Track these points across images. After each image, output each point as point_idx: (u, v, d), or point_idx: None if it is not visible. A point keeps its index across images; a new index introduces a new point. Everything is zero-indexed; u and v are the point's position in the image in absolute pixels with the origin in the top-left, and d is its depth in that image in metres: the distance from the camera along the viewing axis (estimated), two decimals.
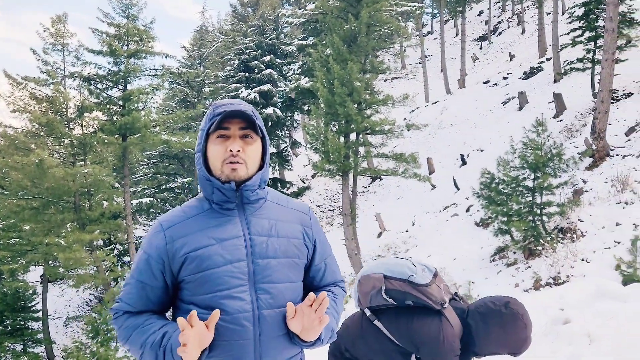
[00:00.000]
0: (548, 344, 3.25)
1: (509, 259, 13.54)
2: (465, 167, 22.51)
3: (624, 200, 12.74)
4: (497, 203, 13.57)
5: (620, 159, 15.02)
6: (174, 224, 1.58)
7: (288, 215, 1.69)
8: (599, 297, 3.83)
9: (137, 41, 20.36)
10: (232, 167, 1.56)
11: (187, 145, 21.72)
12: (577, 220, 13.11)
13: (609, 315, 3.31)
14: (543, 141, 13.03)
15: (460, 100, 30.56)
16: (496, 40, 42.91)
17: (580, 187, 14.60)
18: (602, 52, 16.30)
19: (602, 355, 2.83)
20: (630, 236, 10.77)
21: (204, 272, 1.51)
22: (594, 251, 11.61)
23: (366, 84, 19.50)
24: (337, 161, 18.70)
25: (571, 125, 20.08)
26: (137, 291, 1.57)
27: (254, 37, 29.47)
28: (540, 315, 3.69)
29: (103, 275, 19.92)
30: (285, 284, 1.60)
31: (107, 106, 20.39)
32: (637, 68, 20.26)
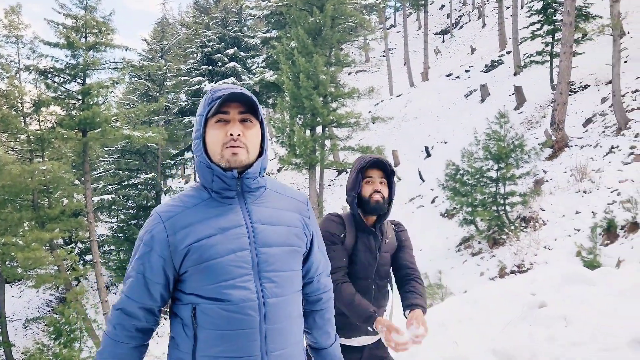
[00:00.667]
0: (526, 327, 3.33)
1: (474, 249, 13.85)
2: (430, 159, 22.85)
3: (583, 189, 13.19)
4: (461, 194, 13.83)
5: (579, 149, 15.54)
6: (173, 215, 1.53)
7: (287, 203, 1.68)
8: (568, 281, 3.96)
9: (96, 33, 19.73)
10: (232, 152, 1.52)
11: (149, 140, 21.25)
12: (538, 210, 13.52)
13: (581, 298, 3.42)
14: (505, 132, 13.35)
15: (424, 93, 30.98)
16: (458, 34, 43.66)
17: (541, 177, 15.03)
18: (560, 46, 16.79)
19: (579, 336, 2.92)
20: (589, 224, 11.21)
21: (208, 263, 1.48)
22: (556, 239, 12.00)
23: (331, 77, 19.54)
24: (303, 155, 18.70)
25: (531, 116, 20.63)
26: (141, 286, 1.53)
27: (216, 30, 29.03)
28: (515, 301, 3.78)
29: (64, 275, 19.34)
30: (288, 272, 1.59)
31: (65, 100, 19.71)
32: (594, 61, 20.96)
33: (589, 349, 2.77)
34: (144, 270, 1.52)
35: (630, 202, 10.72)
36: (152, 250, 1.51)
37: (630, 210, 10.46)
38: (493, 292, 4.60)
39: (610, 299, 3.40)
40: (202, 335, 1.49)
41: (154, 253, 1.51)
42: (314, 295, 1.79)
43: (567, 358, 2.79)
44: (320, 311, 1.81)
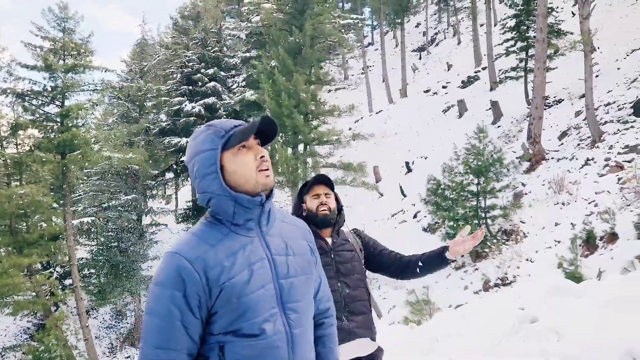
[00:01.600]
0: (519, 342, 3.40)
1: (458, 262, 13.97)
2: (411, 175, 23.09)
3: (561, 201, 13.48)
4: (443, 208, 14.00)
5: (556, 162, 15.89)
6: (199, 255, 1.47)
7: (294, 231, 1.70)
8: (554, 294, 4.05)
9: (75, 55, 19.58)
10: (266, 174, 1.54)
11: (130, 162, 21.08)
12: (519, 222, 13.75)
13: (569, 311, 3.52)
14: (484, 147, 13.61)
15: (403, 109, 31.41)
16: (434, 51, 44.48)
17: (520, 190, 15.32)
18: (534, 61, 17.27)
19: (571, 350, 3.00)
20: (569, 235, 11.44)
21: (241, 300, 1.46)
22: (537, 251, 12.21)
23: (312, 95, 19.68)
24: (285, 173, 18.72)
25: (508, 131, 21.06)
26: (179, 332, 1.44)
27: (196, 50, 29.08)
28: (504, 315, 3.86)
29: (43, 301, 18.87)
30: (307, 301, 1.62)
31: (43, 123, 19.43)
32: (566, 75, 21.56)
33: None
34: (182, 316, 1.43)
35: (608, 213, 10.99)
36: (186, 294, 1.44)
37: (608, 221, 10.72)
38: (481, 307, 4.67)
39: (598, 311, 3.50)
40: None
41: (188, 296, 1.44)
42: (316, 320, 1.77)
43: None
44: (322, 338, 1.78)
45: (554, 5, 22.74)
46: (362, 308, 2.58)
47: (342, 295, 2.52)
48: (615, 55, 21.13)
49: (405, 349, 4.25)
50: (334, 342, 1.81)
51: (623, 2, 26.58)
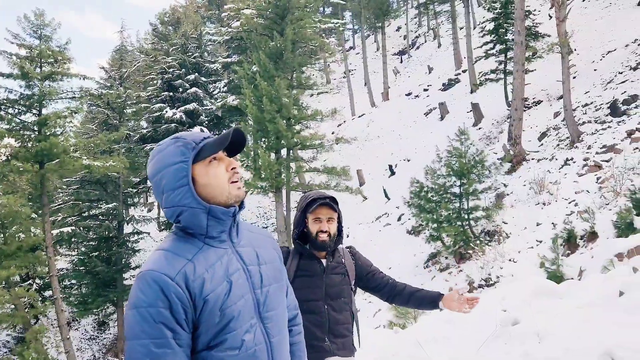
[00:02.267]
0: (501, 345, 3.39)
1: (442, 264, 14.03)
2: (394, 177, 23.17)
3: (542, 201, 13.63)
4: (427, 211, 14.06)
5: (536, 162, 16.08)
6: (179, 270, 1.42)
7: (263, 241, 1.69)
8: (537, 295, 4.07)
9: (52, 63, 19.24)
10: (238, 186, 1.53)
11: (110, 170, 20.74)
12: (501, 223, 13.86)
13: (551, 313, 3.52)
14: (466, 149, 13.72)
15: (385, 112, 31.56)
16: (415, 54, 44.81)
17: (502, 190, 15.46)
18: (513, 64, 17.48)
19: (552, 351, 3.00)
20: (550, 235, 11.56)
21: (224, 311, 1.44)
22: (519, 251, 12.31)
23: (294, 99, 19.66)
24: (269, 178, 18.65)
25: (489, 132, 21.28)
26: (172, 351, 1.37)
27: (176, 56, 28.87)
28: (488, 317, 3.86)
29: (22, 313, 18.48)
30: (282, 309, 1.63)
31: (20, 132, 19.03)
32: (544, 77, 21.87)
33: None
34: (174, 334, 1.38)
35: (588, 213, 11.13)
36: (172, 310, 1.38)
37: (588, 220, 10.84)
38: None
39: (578, 311, 3.51)
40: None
41: (175, 312, 1.38)
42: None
43: None
44: (292, 346, 1.76)
45: (532, 8, 23.11)
46: (345, 331, 2.63)
47: (327, 317, 2.57)
48: (592, 57, 21.50)
49: (390, 353, 4.22)
50: (302, 350, 1.84)
51: (598, 4, 27.08)
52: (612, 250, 7.43)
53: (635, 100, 15.75)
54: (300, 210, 2.65)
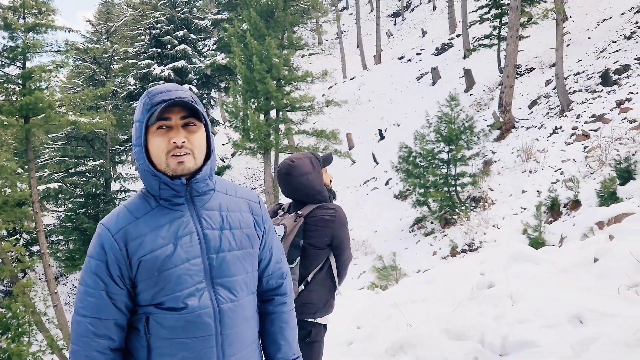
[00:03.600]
0: (475, 307, 3.47)
1: (427, 229, 14.22)
2: (384, 142, 23.16)
3: (529, 169, 13.75)
4: (414, 176, 14.14)
5: (525, 130, 16.13)
6: (122, 227, 1.48)
7: (238, 204, 1.65)
8: (515, 260, 4.15)
9: (36, 14, 18.65)
10: (178, 161, 1.48)
11: (97, 126, 20.45)
12: (487, 190, 14.01)
13: (527, 277, 3.60)
14: (456, 115, 13.70)
15: (377, 76, 31.23)
16: (409, 17, 44.08)
17: (490, 157, 15.55)
18: (507, 29, 17.28)
19: (524, 314, 3.08)
20: (534, 202, 11.73)
21: (162, 274, 1.45)
22: (503, 217, 12.50)
23: (284, 60, 19.36)
24: (257, 139, 18.55)
25: (480, 99, 21.21)
26: (103, 302, 1.45)
27: (165, 11, 28.10)
28: (466, 281, 3.94)
29: (9, 267, 18.50)
30: (242, 276, 1.58)
31: (4, 85, 18.64)
32: (538, 44, 21.69)
33: (533, 326, 2.94)
34: (106, 287, 1.46)
35: (572, 181, 11.27)
36: (108, 265, 1.45)
37: (572, 188, 11.00)
38: (446, 273, 4.77)
39: (553, 277, 3.59)
40: (157, 344, 1.47)
41: (110, 266, 1.45)
42: (264, 295, 1.74)
43: (514, 335, 2.95)
44: (270, 315, 1.74)
45: None
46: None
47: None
48: (587, 25, 21.30)
49: (370, 313, 4.32)
50: (285, 321, 1.75)
51: None
52: (593, 218, 7.57)
53: (627, 70, 15.72)
54: (319, 170, 2.75)
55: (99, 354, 1.45)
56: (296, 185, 2.62)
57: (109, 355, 1.47)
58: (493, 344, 3.02)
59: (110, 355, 1.47)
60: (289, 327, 1.75)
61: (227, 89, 26.46)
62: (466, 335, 3.14)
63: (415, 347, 3.21)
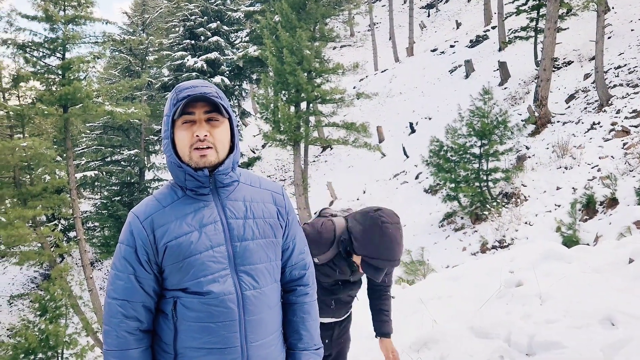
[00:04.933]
0: (503, 305, 3.42)
1: (457, 224, 14.05)
2: (414, 135, 22.93)
3: (564, 165, 13.39)
4: (445, 170, 13.96)
5: (561, 125, 15.71)
6: (150, 215, 1.57)
7: (262, 195, 1.71)
8: (546, 259, 4.06)
9: (75, 6, 19.15)
10: (200, 154, 1.55)
11: (132, 116, 20.94)
12: (520, 186, 13.72)
13: (556, 276, 3.52)
14: (489, 109, 13.44)
15: (409, 68, 30.87)
16: (443, 8, 43.31)
17: (524, 153, 15.21)
18: (545, 21, 16.79)
19: (553, 313, 3.02)
20: (569, 199, 11.42)
21: (187, 259, 1.52)
22: (536, 214, 12.22)
23: (316, 52, 19.31)
24: (288, 131, 18.60)
25: (515, 92, 20.73)
26: (132, 285, 1.55)
27: (199, 3, 28.40)
28: (494, 278, 3.88)
29: (48, 252, 19.20)
30: (265, 264, 1.64)
31: (45, 75, 19.22)
32: (577, 37, 21.03)
33: (562, 326, 2.87)
34: (135, 271, 1.55)
35: (610, 178, 10.93)
36: (136, 250, 1.54)
37: (609, 186, 10.67)
38: (474, 270, 4.70)
39: (585, 277, 3.50)
40: (183, 327, 1.54)
41: (138, 252, 1.54)
42: (287, 286, 1.80)
43: (541, 335, 2.89)
44: (293, 305, 1.78)
45: None
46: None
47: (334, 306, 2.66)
48: (630, 16, 20.51)
49: (395, 308, 4.30)
50: (306, 312, 1.79)
51: None
52: (631, 217, 7.35)
53: None
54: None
55: (128, 334, 1.54)
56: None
57: (137, 335, 1.56)
58: (520, 343, 2.97)
59: (139, 336, 1.56)
60: (310, 317, 1.80)
61: (258, 81, 26.59)
62: (492, 334, 3.10)
63: (440, 344, 3.19)
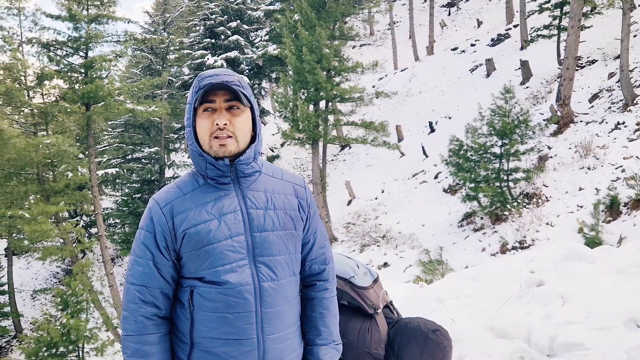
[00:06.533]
0: (523, 305, 3.37)
1: (476, 224, 13.90)
2: (434, 135, 22.74)
3: (587, 166, 13.15)
4: (465, 170, 13.83)
5: (584, 125, 15.43)
6: (170, 201, 1.56)
7: (284, 187, 1.69)
8: (568, 259, 3.98)
9: (98, 5, 19.45)
10: (219, 143, 1.54)
11: (153, 115, 21.20)
12: (542, 186, 13.52)
13: (579, 277, 3.45)
14: (510, 108, 13.26)
15: (429, 67, 30.63)
16: (464, 7, 42.86)
17: (546, 153, 14.98)
18: (568, 19, 16.50)
19: (575, 314, 2.96)
20: (592, 200, 11.21)
21: (205, 247, 1.51)
22: (558, 215, 12.03)
23: (335, 50, 19.28)
24: (306, 129, 18.61)
25: (537, 92, 20.43)
26: (151, 271, 1.55)
27: (219, 2, 28.60)
28: (514, 278, 3.82)
29: (70, 247, 19.55)
30: (284, 256, 1.61)
31: (68, 74, 19.56)
32: (601, 35, 20.63)
33: (585, 327, 2.82)
34: (153, 257, 1.55)
35: (634, 179, 10.70)
36: (155, 236, 1.54)
37: (634, 187, 10.45)
38: (493, 269, 4.63)
39: (608, 278, 3.43)
40: (199, 317, 1.53)
41: (157, 238, 1.54)
42: (307, 280, 1.77)
43: (563, 336, 2.84)
44: (312, 301, 1.76)
45: None
46: None
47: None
48: None
49: (412, 306, 4.27)
50: (326, 307, 1.76)
51: None
52: None
53: None
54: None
55: (146, 320, 1.54)
56: None
57: (155, 321, 1.55)
58: (540, 344, 2.91)
59: (157, 322, 1.56)
60: (330, 313, 1.76)
61: (277, 80, 26.67)
62: (512, 334, 3.05)
63: (458, 343, 3.14)
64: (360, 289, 2.35)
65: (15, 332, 20.16)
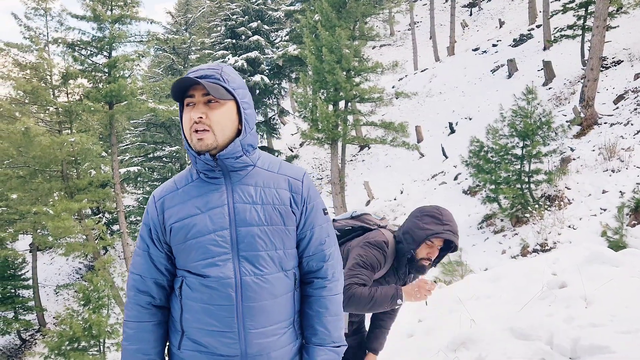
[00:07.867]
0: (545, 307, 3.33)
1: (497, 226, 13.76)
2: (454, 136, 22.57)
3: (611, 168, 12.93)
4: (485, 171, 13.69)
5: (608, 127, 15.16)
6: (164, 196, 1.64)
7: (276, 180, 1.65)
8: (592, 262, 3.92)
9: (122, 6, 19.80)
10: (197, 137, 1.54)
11: (174, 114, 21.46)
12: (564, 188, 13.32)
13: (603, 279, 3.41)
14: (532, 109, 13.09)
15: (449, 67, 30.40)
16: (486, 7, 42.43)
17: (568, 155, 14.75)
18: (593, 19, 16.23)
19: (599, 317, 2.92)
20: (616, 203, 11.01)
21: (189, 241, 1.56)
22: (581, 218, 11.85)
23: (355, 50, 19.26)
24: (326, 129, 18.63)
25: (560, 93, 20.13)
26: (146, 261, 1.64)
27: (240, 2, 28.81)
28: (536, 280, 3.79)
29: (92, 244, 19.90)
30: (268, 252, 1.59)
31: (92, 73, 19.96)
32: (628, 35, 20.24)
33: (609, 330, 2.78)
34: (148, 248, 1.64)
35: None
36: (151, 229, 1.63)
37: None
38: (514, 271, 4.60)
39: (633, 281, 3.38)
40: (187, 306, 1.59)
41: (151, 230, 1.63)
42: (304, 277, 1.73)
43: (586, 338, 2.80)
44: (309, 298, 1.71)
45: None
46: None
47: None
48: None
49: (431, 306, 4.26)
50: (324, 306, 1.69)
51: None
52: None
53: None
54: (424, 234, 2.38)
55: (142, 308, 1.64)
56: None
57: (150, 310, 1.64)
58: (562, 346, 2.88)
59: (151, 310, 1.64)
60: (328, 312, 1.70)
61: (297, 80, 26.75)
62: (533, 336, 3.02)
63: (478, 344, 3.13)
64: (361, 215, 2.70)
65: (39, 326, 20.59)
